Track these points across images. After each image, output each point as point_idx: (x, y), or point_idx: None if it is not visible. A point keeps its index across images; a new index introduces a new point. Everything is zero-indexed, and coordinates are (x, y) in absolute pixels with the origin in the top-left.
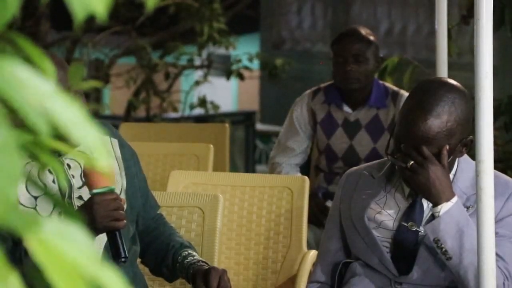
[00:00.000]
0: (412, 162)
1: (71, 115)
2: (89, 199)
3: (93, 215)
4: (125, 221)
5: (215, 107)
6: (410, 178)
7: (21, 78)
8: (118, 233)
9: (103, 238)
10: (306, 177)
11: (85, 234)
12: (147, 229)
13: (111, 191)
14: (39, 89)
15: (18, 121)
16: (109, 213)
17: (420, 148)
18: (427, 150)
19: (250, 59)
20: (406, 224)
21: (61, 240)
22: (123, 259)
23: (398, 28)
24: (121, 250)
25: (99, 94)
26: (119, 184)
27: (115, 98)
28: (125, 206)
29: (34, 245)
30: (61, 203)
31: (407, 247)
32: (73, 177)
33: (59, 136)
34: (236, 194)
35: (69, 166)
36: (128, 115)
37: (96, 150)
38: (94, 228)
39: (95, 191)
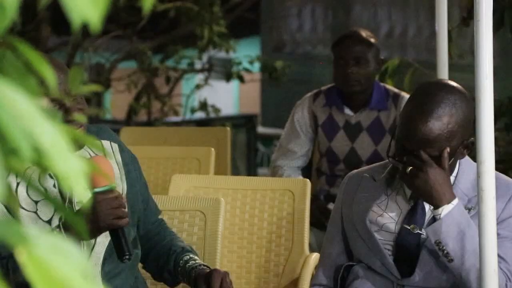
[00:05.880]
0: (411, 168)
1: (53, 140)
2: (91, 198)
3: (96, 214)
4: (127, 218)
5: (216, 110)
6: (410, 182)
7: (9, 97)
8: (121, 230)
9: (107, 235)
10: (308, 180)
11: (78, 250)
12: (148, 234)
13: (112, 190)
14: (25, 110)
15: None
16: (111, 211)
17: (418, 152)
18: (424, 153)
19: (251, 62)
20: (408, 227)
21: (53, 255)
22: (127, 256)
23: (398, 30)
24: (125, 248)
25: (100, 99)
26: (119, 189)
27: (116, 102)
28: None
29: (24, 258)
30: (62, 207)
31: (409, 250)
32: None
33: None
34: (237, 198)
35: None
36: (129, 119)
37: (75, 178)
38: (97, 227)
39: (96, 190)
